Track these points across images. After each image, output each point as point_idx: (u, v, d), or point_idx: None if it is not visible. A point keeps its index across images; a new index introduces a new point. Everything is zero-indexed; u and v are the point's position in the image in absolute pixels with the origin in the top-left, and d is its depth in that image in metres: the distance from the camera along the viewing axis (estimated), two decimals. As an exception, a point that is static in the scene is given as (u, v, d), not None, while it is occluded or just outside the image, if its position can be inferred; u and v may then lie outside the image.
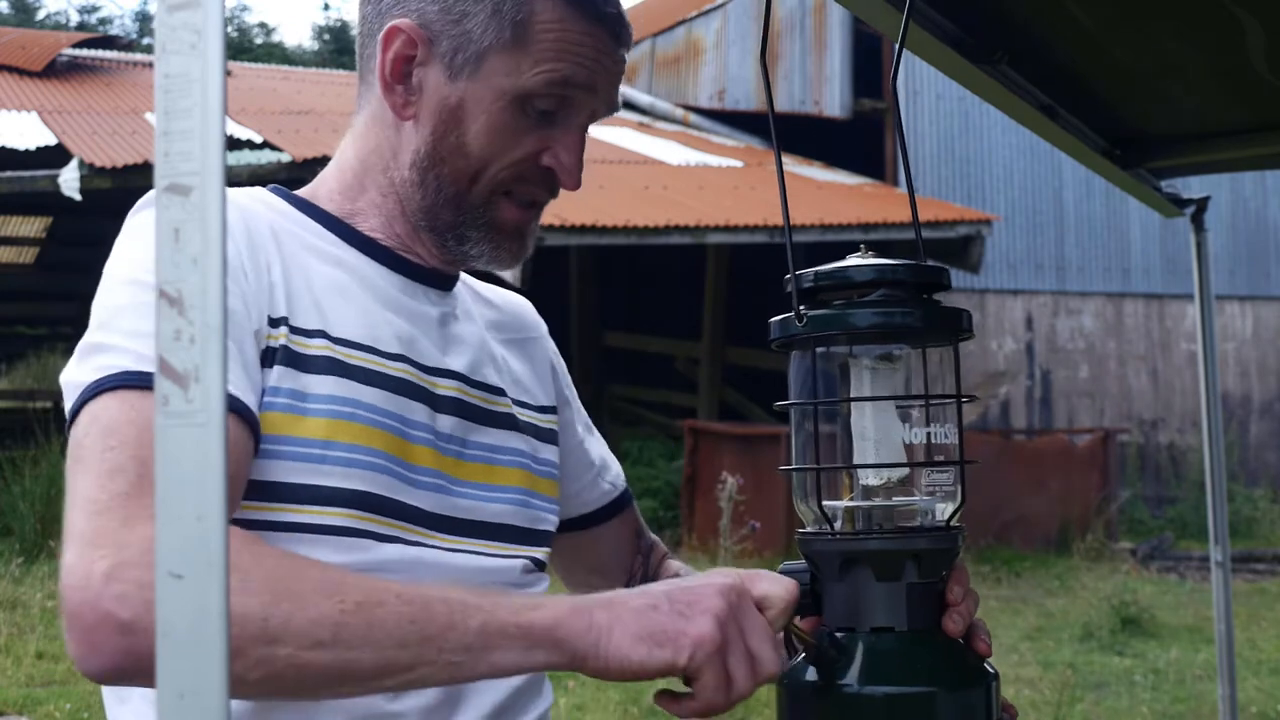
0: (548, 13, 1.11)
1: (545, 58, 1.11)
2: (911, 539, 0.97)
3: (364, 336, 1.12)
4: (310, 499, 1.04)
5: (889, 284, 0.97)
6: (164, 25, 0.59)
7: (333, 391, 1.07)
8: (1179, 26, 1.87)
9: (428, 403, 1.14)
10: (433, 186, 1.15)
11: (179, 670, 0.58)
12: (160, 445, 0.60)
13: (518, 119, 1.12)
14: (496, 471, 1.20)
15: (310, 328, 1.09)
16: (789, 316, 0.99)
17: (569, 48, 1.12)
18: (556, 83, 1.12)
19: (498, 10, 1.11)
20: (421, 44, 1.13)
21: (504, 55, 1.11)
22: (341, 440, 1.06)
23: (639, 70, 16.56)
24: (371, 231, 1.18)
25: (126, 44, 17.84)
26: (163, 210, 0.60)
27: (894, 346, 0.99)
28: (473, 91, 1.12)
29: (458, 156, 1.13)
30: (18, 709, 5.51)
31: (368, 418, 1.08)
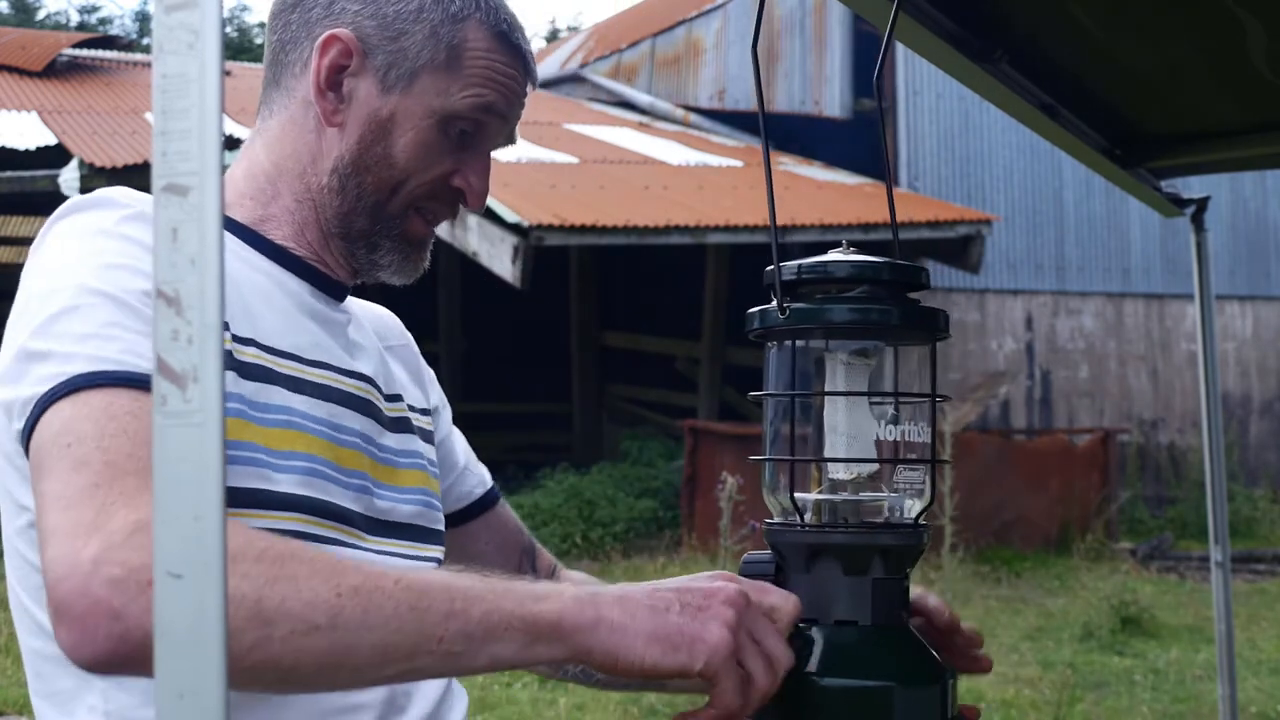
0: (478, 41, 1.18)
1: (473, 82, 1.17)
2: (878, 534, 0.97)
3: (288, 344, 1.14)
4: (262, 503, 1.05)
5: (868, 281, 0.98)
6: (161, 25, 0.59)
7: (271, 400, 1.09)
8: (1179, 26, 1.87)
9: (349, 406, 1.17)
10: (353, 194, 1.18)
11: (178, 670, 0.58)
12: (158, 445, 0.60)
13: (440, 138, 1.18)
14: (401, 474, 1.23)
15: (244, 335, 1.10)
16: (768, 308, 1.00)
17: (494, 76, 1.18)
18: (480, 107, 1.18)
19: (435, 33, 1.16)
20: (356, 54, 1.16)
21: (436, 75, 1.17)
22: (286, 447, 1.08)
23: (639, 70, 16.56)
24: (283, 240, 1.19)
25: (126, 44, 17.84)
26: (161, 210, 0.60)
27: (870, 343, 1.00)
28: (404, 106, 1.16)
29: (383, 167, 1.17)
30: (18, 709, 5.50)
31: (303, 425, 1.10)
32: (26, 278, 1.06)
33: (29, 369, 0.98)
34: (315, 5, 1.19)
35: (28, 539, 1.05)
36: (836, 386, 0.99)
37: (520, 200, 9.86)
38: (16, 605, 1.10)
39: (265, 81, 1.23)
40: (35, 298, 1.02)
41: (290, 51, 1.20)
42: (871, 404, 1.00)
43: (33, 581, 1.06)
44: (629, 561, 9.37)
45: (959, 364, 12.47)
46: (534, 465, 11.99)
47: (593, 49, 18.14)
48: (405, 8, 1.17)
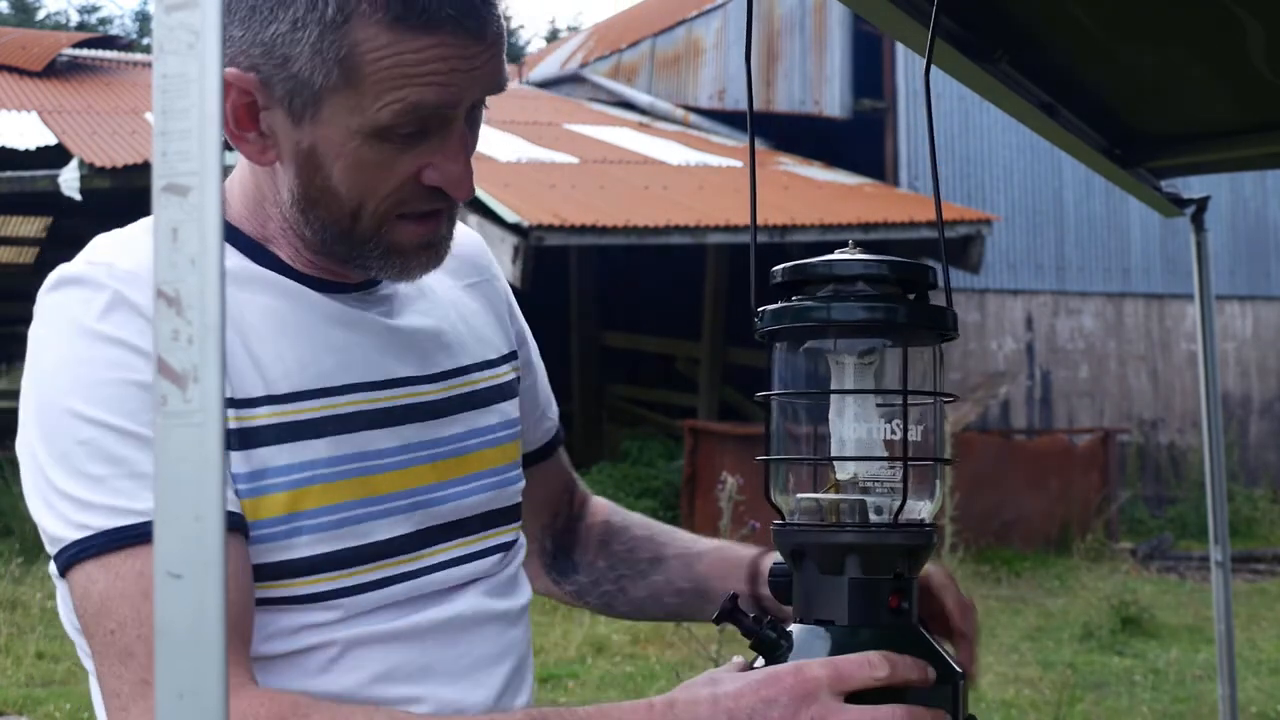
0: (373, 40, 0.99)
1: (385, 89, 1.00)
2: (888, 534, 0.97)
3: (310, 380, 1.08)
4: (285, 574, 1.05)
5: (873, 280, 0.98)
6: (161, 25, 0.59)
7: (288, 460, 1.05)
8: (1179, 26, 1.87)
9: (386, 424, 1.12)
10: (317, 226, 1.08)
11: (178, 670, 0.58)
12: (159, 445, 0.60)
13: (380, 151, 1.03)
14: (469, 460, 1.18)
15: (253, 396, 1.05)
16: (775, 308, 1.00)
17: (408, 70, 1.00)
18: (407, 111, 1.01)
19: (317, 50, 0.99)
20: (256, 90, 1.03)
21: (340, 95, 1.01)
22: (305, 508, 1.05)
23: (639, 70, 16.56)
24: (289, 259, 1.12)
25: (126, 44, 17.84)
26: (161, 210, 0.60)
27: (876, 342, 0.99)
28: (321, 135, 1.03)
29: (329, 199, 1.06)
30: (18, 709, 5.51)
31: (326, 474, 1.07)
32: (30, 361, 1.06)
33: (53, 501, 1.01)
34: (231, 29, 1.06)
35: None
36: (842, 387, 0.99)
37: (520, 200, 9.86)
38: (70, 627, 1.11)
39: None
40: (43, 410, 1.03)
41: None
42: (878, 404, 1.00)
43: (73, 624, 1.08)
44: (629, 561, 9.36)
45: (959, 364, 12.47)
46: (534, 465, 11.98)
47: (593, 49, 18.15)
48: (279, 28, 1.00)
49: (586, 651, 6.73)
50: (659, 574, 1.39)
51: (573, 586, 1.44)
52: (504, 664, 1.18)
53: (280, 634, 1.06)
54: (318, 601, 1.06)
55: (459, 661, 1.14)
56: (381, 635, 1.09)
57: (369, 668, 1.08)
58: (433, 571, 1.13)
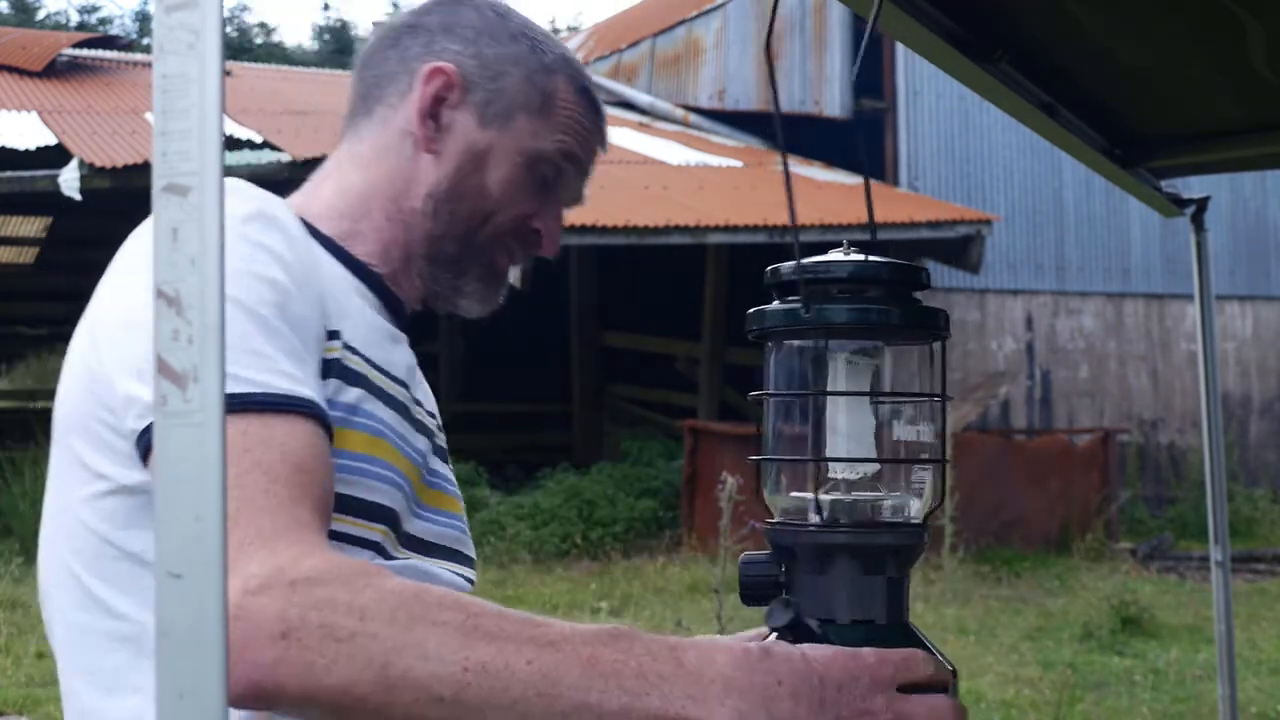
0: (567, 93, 1.26)
1: (561, 129, 1.25)
2: (880, 534, 0.97)
3: (380, 359, 1.16)
4: (355, 511, 1.07)
5: (869, 281, 0.98)
6: (161, 25, 0.59)
7: (371, 409, 1.12)
8: (1179, 26, 1.87)
9: (416, 428, 1.20)
10: (445, 219, 1.23)
11: (178, 670, 0.58)
12: (158, 445, 0.60)
13: (527, 178, 1.25)
14: (447, 500, 1.25)
15: (353, 344, 1.13)
16: (768, 308, 1.00)
17: (578, 128, 1.27)
18: (565, 154, 1.26)
19: (531, 78, 1.25)
20: (458, 88, 1.23)
21: (530, 118, 1.24)
22: (378, 456, 1.11)
23: (639, 70, 16.56)
24: (366, 256, 1.23)
25: (126, 44, 17.83)
26: (161, 210, 0.60)
27: (870, 343, 1.00)
28: (499, 142, 1.23)
29: (477, 197, 1.23)
30: (18, 709, 5.51)
31: (392, 438, 1.13)
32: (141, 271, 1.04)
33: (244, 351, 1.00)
34: (414, 44, 1.26)
35: (99, 510, 1.05)
36: (838, 387, 0.99)
37: (520, 200, 9.84)
38: (64, 576, 1.09)
39: (353, 112, 1.29)
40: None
41: (386, 85, 1.26)
42: (873, 404, 1.00)
43: (95, 551, 1.06)
44: (629, 561, 9.37)
45: (959, 364, 12.47)
46: (534, 465, 12.00)
47: (593, 49, 18.14)
48: (504, 51, 1.25)
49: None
50: None
51: None
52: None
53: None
54: (365, 548, 1.08)
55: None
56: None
57: None
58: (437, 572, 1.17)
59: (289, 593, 0.85)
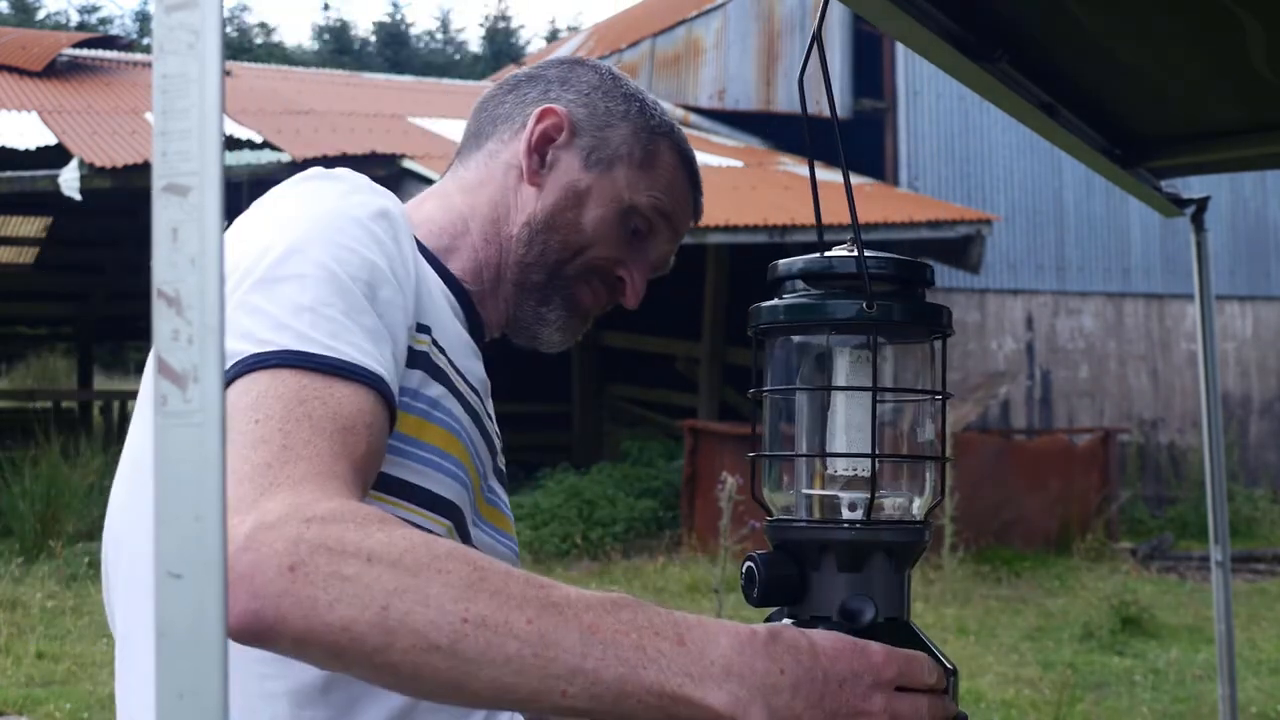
0: (668, 155, 1.35)
1: (658, 186, 1.33)
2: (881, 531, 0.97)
3: (463, 366, 1.21)
4: (424, 502, 1.10)
5: (871, 277, 0.99)
6: (161, 25, 0.59)
7: (450, 407, 1.16)
8: (1179, 26, 1.87)
9: (485, 441, 1.24)
10: (539, 248, 1.30)
11: (178, 670, 0.58)
12: (158, 445, 0.59)
13: (620, 225, 1.32)
14: (505, 521, 1.29)
15: (441, 343, 1.18)
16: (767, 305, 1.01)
17: (673, 189, 1.34)
18: (658, 210, 1.33)
19: (637, 134, 1.33)
20: (567, 129, 1.32)
21: (631, 169, 1.32)
22: (452, 453, 1.15)
23: (639, 70, 16.56)
24: (459, 272, 1.29)
25: (126, 44, 17.83)
26: (161, 210, 0.60)
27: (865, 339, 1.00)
28: (599, 185, 1.31)
29: (571, 230, 1.30)
30: (18, 709, 5.51)
31: (465, 440, 1.18)
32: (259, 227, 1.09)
33: (241, 320, 1.00)
34: (532, 91, 1.36)
35: None
36: (839, 383, 0.99)
37: (520, 200, 9.84)
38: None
39: (464, 148, 1.39)
40: (272, 248, 1.05)
41: (500, 124, 1.36)
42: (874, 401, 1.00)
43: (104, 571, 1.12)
44: (629, 561, 9.37)
45: (959, 364, 12.47)
46: (534, 465, 12.00)
47: (593, 49, 18.15)
48: (615, 106, 1.34)
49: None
50: None
51: None
52: None
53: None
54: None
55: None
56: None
57: None
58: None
59: (302, 529, 0.86)
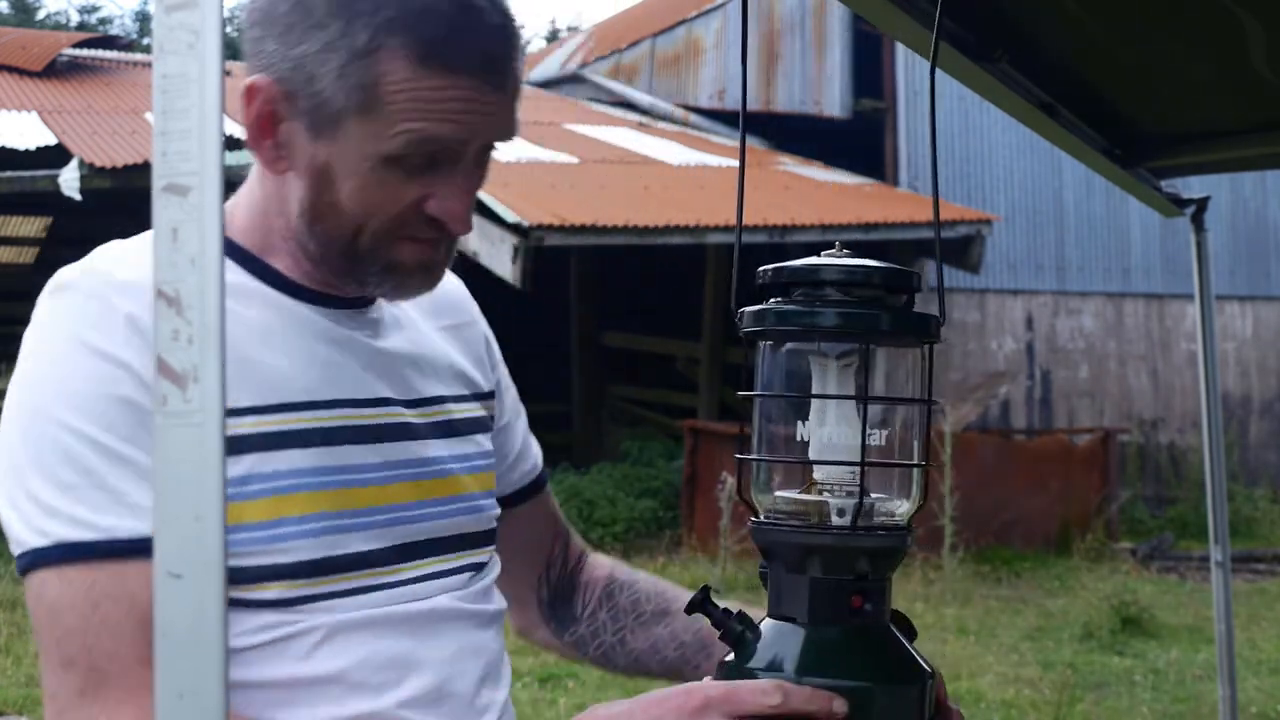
0: (397, 72, 1.03)
1: (402, 119, 1.04)
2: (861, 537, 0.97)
3: (296, 392, 1.10)
4: (267, 577, 1.06)
5: (859, 284, 0.99)
6: (161, 26, 0.59)
7: (273, 468, 1.07)
8: (1179, 26, 1.87)
9: (367, 440, 1.14)
10: (320, 238, 1.11)
11: (178, 670, 0.58)
12: (159, 445, 0.60)
13: (389, 177, 1.07)
14: (447, 483, 1.21)
15: (241, 405, 1.06)
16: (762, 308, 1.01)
17: (426, 106, 1.04)
18: (419, 142, 1.05)
19: (343, 73, 1.04)
20: (280, 100, 1.06)
21: (359, 119, 1.05)
22: (288, 515, 1.07)
23: (639, 70, 16.56)
24: (287, 270, 1.15)
25: (126, 44, 17.83)
26: (161, 210, 0.60)
27: (855, 346, 1.00)
28: (337, 153, 1.06)
29: (335, 214, 1.09)
30: (18, 709, 5.51)
31: (309, 483, 1.09)
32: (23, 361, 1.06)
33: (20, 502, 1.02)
34: (247, 41, 1.10)
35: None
36: (825, 388, 1.00)
37: (520, 200, 9.86)
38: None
39: None
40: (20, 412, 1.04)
41: None
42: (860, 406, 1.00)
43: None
44: (629, 562, 9.36)
45: (959, 364, 12.47)
46: (534, 465, 11.97)
47: (593, 49, 18.14)
48: (310, 47, 1.04)
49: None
50: (662, 626, 1.42)
51: (571, 637, 1.46)
52: (479, 658, 1.21)
53: (262, 628, 1.08)
54: (298, 605, 1.08)
55: (440, 650, 1.16)
56: (363, 621, 1.11)
57: (353, 653, 1.10)
58: (408, 584, 1.16)
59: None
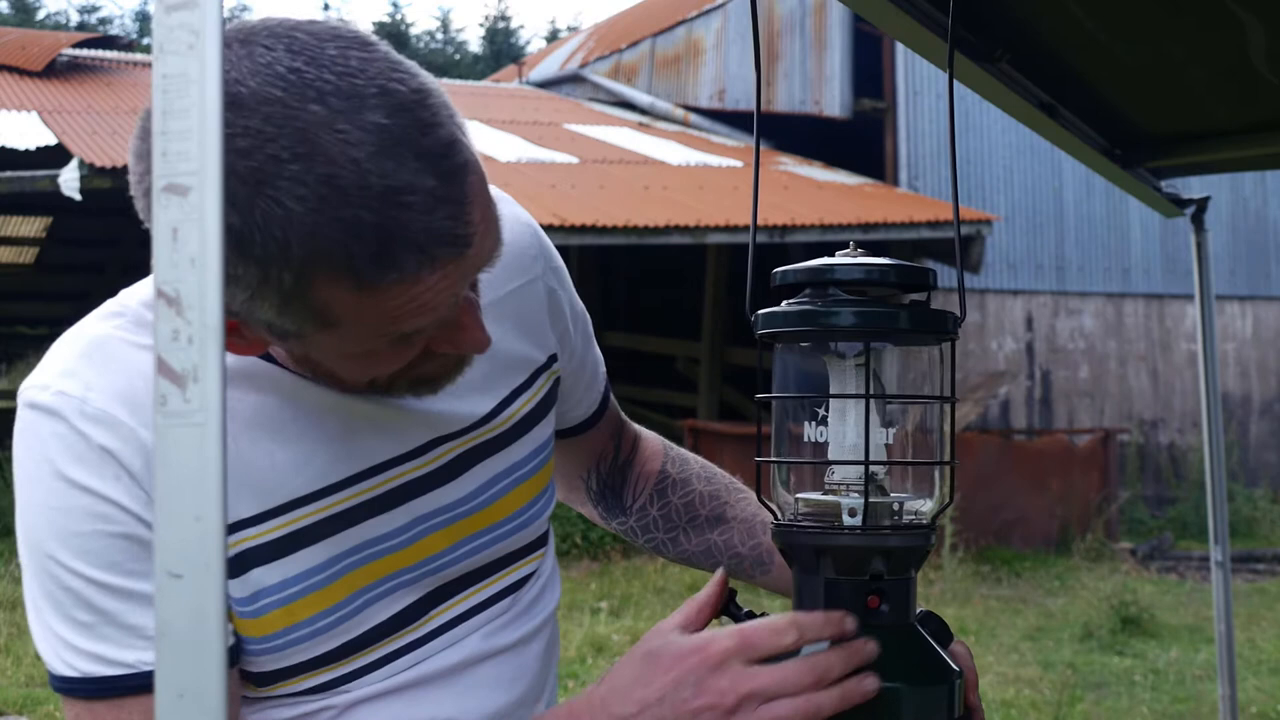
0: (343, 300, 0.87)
1: (369, 333, 0.91)
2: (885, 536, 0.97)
3: (304, 484, 1.03)
4: (283, 678, 1.05)
5: (875, 283, 0.99)
6: (161, 25, 0.59)
7: (282, 576, 1.02)
8: (1179, 26, 1.87)
9: (389, 507, 1.07)
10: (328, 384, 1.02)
11: (178, 670, 0.58)
12: (159, 445, 0.60)
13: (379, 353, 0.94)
14: (487, 513, 1.13)
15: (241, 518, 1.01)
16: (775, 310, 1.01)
17: (390, 315, 0.89)
18: (400, 339, 0.92)
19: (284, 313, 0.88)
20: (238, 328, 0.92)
21: (324, 336, 0.91)
22: (302, 619, 1.03)
23: (639, 70, 16.56)
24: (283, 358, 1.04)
25: (126, 44, 17.83)
26: (161, 210, 0.60)
27: (877, 344, 1.00)
28: (314, 349, 0.95)
29: (334, 379, 1.01)
30: (18, 709, 5.51)
31: (323, 579, 1.03)
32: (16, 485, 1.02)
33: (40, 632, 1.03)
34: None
35: None
36: (844, 388, 0.99)
37: (520, 200, 9.79)
38: None
39: None
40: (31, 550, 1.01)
41: None
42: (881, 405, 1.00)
43: None
44: (629, 562, 9.37)
45: (959, 364, 12.44)
46: (534, 465, 11.98)
47: (593, 49, 18.14)
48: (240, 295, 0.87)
49: (586, 651, 6.74)
50: (717, 534, 1.37)
51: (620, 525, 1.42)
52: (519, 684, 1.17)
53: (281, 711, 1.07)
54: (318, 692, 1.07)
55: (465, 696, 1.12)
56: (383, 691, 1.08)
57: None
58: (436, 635, 1.11)
59: None
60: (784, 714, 0.89)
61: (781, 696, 0.89)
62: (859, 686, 0.90)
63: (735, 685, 0.89)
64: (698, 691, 0.89)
